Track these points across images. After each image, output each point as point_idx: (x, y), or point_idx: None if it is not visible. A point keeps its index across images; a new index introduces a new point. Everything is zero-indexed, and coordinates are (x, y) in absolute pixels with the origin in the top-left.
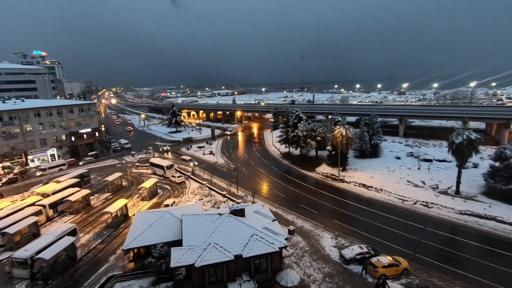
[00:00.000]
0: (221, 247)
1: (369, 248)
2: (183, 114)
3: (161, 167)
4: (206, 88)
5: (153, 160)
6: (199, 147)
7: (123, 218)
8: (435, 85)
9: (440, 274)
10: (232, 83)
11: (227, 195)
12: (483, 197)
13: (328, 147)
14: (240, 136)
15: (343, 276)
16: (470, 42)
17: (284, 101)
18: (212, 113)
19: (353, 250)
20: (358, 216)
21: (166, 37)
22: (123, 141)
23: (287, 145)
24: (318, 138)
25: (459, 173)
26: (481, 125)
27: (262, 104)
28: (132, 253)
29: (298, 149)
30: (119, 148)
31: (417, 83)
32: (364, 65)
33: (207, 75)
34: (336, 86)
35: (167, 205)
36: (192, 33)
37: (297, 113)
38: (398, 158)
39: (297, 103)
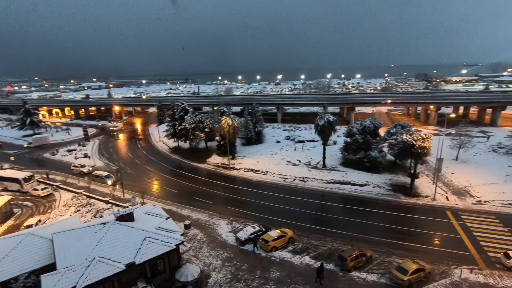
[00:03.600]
0: (109, 259)
1: (261, 226)
2: (41, 112)
3: (15, 180)
4: (72, 81)
5: (1, 173)
6: (69, 151)
7: None
8: (303, 76)
9: (316, 235)
10: (106, 75)
11: (111, 200)
12: (341, 167)
13: (217, 138)
14: (121, 134)
15: (240, 257)
16: (328, 40)
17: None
18: (83, 110)
19: (247, 231)
20: (249, 199)
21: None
22: None
23: (175, 139)
24: (207, 129)
25: (324, 149)
26: (336, 109)
27: (144, 97)
28: None
29: (187, 142)
30: None
31: (289, 75)
32: (245, 56)
33: (73, 66)
34: (220, 77)
35: (29, 226)
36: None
37: (183, 105)
38: (279, 142)
39: (182, 95)
